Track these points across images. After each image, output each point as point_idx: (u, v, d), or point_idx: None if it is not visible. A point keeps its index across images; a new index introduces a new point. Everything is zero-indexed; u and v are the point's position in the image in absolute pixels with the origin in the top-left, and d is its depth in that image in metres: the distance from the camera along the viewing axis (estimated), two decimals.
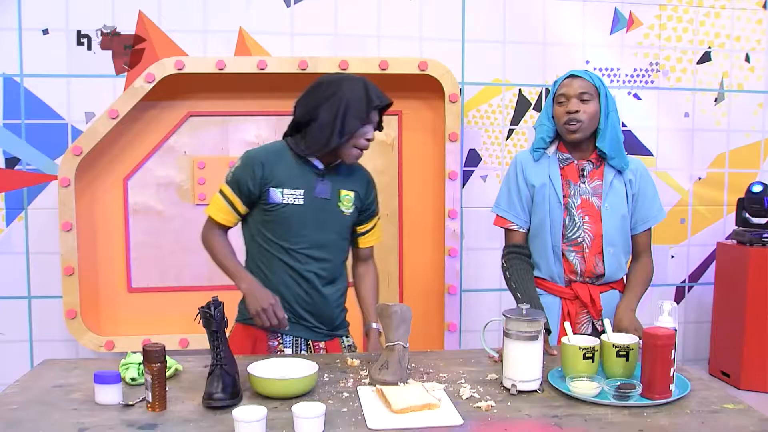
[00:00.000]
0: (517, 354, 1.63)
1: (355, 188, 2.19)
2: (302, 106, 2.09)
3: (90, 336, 3.29)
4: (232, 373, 1.61)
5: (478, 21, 3.60)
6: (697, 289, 3.91)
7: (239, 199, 2.08)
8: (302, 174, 2.09)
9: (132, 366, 1.72)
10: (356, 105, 2.01)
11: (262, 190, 2.06)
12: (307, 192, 2.09)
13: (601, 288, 2.24)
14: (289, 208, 2.07)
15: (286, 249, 2.09)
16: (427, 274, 3.62)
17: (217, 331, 1.63)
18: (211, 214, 2.12)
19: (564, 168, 2.25)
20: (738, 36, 3.82)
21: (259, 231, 2.11)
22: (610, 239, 2.21)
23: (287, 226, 2.08)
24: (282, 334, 2.13)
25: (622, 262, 2.26)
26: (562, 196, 2.22)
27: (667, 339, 1.57)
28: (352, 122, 2.00)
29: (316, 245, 2.11)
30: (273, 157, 2.08)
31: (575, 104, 2.16)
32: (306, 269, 2.11)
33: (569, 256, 2.22)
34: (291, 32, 3.49)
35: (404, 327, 1.74)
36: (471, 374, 1.78)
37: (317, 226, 2.10)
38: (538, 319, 1.63)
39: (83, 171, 3.29)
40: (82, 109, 3.39)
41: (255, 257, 2.14)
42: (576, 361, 1.68)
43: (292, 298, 2.11)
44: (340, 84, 2.03)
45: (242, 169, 2.07)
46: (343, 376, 1.77)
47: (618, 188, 2.23)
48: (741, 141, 3.88)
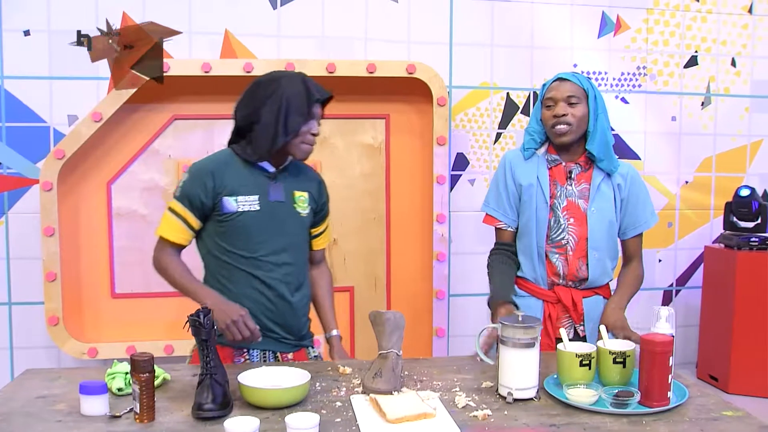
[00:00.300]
0: (513, 361, 1.60)
1: (307, 189, 2.15)
2: (242, 110, 2.04)
3: (72, 343, 3.23)
4: (222, 382, 1.57)
5: (466, 24, 3.58)
6: (684, 293, 3.92)
7: (192, 214, 2.00)
8: (254, 179, 2.03)
9: (118, 376, 1.67)
10: (297, 101, 1.97)
11: (215, 201, 1.99)
12: (262, 197, 2.03)
13: (585, 293, 2.21)
14: (245, 216, 2.01)
15: (247, 258, 2.02)
16: (414, 278, 3.59)
17: (207, 340, 1.58)
18: (163, 234, 2.03)
19: (552, 169, 2.23)
20: (724, 40, 3.84)
21: (216, 244, 2.03)
22: (594, 243, 2.18)
23: (245, 234, 2.01)
24: (248, 349, 2.05)
25: (608, 267, 2.23)
26: (549, 196, 2.20)
27: (664, 346, 1.55)
28: (296, 119, 1.97)
29: (277, 250, 2.05)
30: (222, 166, 2.02)
31: (563, 107, 2.14)
32: (270, 277, 2.04)
33: (552, 257, 2.20)
34: (277, 34, 3.45)
35: (398, 334, 1.70)
36: (465, 382, 1.75)
37: (276, 231, 2.04)
38: (534, 326, 1.60)
39: (66, 175, 3.23)
40: (65, 112, 3.33)
41: (214, 272, 2.06)
42: (572, 369, 1.66)
43: (257, 310, 2.03)
44: (278, 82, 1.99)
45: (192, 182, 1.99)
46: (336, 385, 1.73)
47: (605, 192, 2.21)
48: (727, 145, 3.90)
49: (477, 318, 3.70)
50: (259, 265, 2.03)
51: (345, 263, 3.57)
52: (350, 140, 3.51)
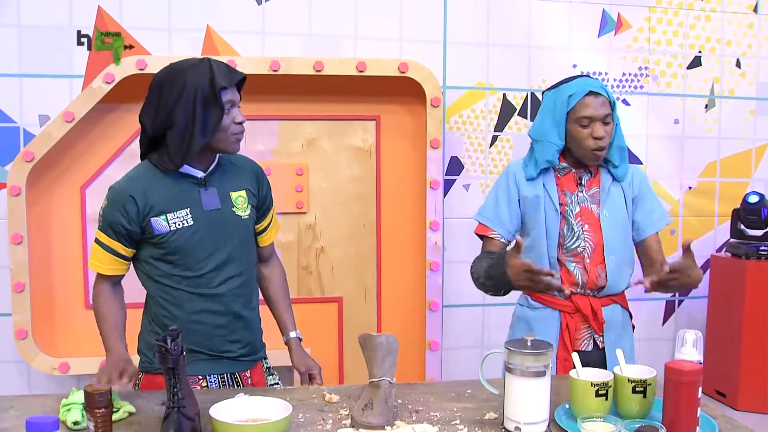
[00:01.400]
0: (521, 392, 1.42)
1: (244, 186, 1.90)
2: (151, 116, 1.77)
3: (42, 357, 3.03)
4: (191, 416, 1.38)
5: (460, 22, 3.41)
6: (687, 303, 3.76)
7: (119, 243, 1.78)
8: (181, 190, 1.79)
9: (75, 407, 1.47)
10: (210, 93, 1.72)
11: (142, 225, 1.77)
12: (194, 208, 1.79)
13: (603, 301, 2.07)
14: (179, 234, 1.78)
15: (190, 278, 1.80)
16: (407, 289, 3.41)
17: (174, 368, 1.39)
18: (94, 268, 1.81)
19: (561, 178, 2.09)
20: (729, 40, 3.69)
21: (154, 268, 1.81)
22: (611, 247, 2.05)
23: (184, 253, 1.79)
24: (205, 376, 1.85)
25: (624, 273, 2.09)
26: (559, 204, 2.06)
27: (693, 375, 1.38)
28: (213, 114, 1.73)
29: (222, 263, 1.83)
30: (142, 185, 1.77)
31: (601, 129, 1.99)
32: (219, 294, 1.83)
33: (570, 266, 2.05)
34: (262, 31, 3.27)
35: (390, 360, 1.52)
36: (467, 412, 1.57)
37: (217, 242, 1.82)
38: (545, 352, 1.42)
39: (37, 178, 3.03)
40: (36, 112, 3.13)
41: (157, 298, 1.83)
42: (587, 399, 1.47)
43: (209, 332, 1.83)
44: (183, 76, 1.73)
45: (111, 210, 1.76)
46: (321, 416, 1.54)
47: (615, 194, 2.10)
48: (732, 149, 3.74)
49: (473, 330, 3.53)
50: (204, 284, 1.82)
51: (333, 272, 3.39)
52: (339, 142, 3.33)
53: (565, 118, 2.02)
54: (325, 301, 3.40)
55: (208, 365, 1.84)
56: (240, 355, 1.89)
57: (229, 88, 1.76)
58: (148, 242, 1.79)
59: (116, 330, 1.79)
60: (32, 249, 3.03)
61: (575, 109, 2.00)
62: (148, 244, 1.80)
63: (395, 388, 1.54)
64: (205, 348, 1.83)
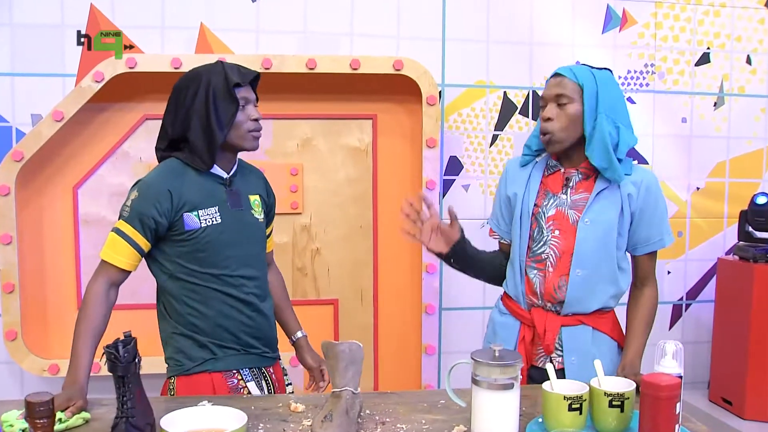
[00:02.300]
0: (488, 406, 1.34)
1: (257, 191, 1.99)
2: (172, 119, 1.86)
3: (32, 359, 3.00)
4: (140, 426, 1.32)
5: (460, 19, 3.32)
6: (695, 307, 3.64)
7: (143, 236, 1.77)
8: (210, 189, 1.84)
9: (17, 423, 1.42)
10: (223, 90, 1.80)
11: (173, 220, 1.78)
12: (221, 207, 1.84)
13: (565, 320, 1.90)
14: (209, 230, 1.81)
15: (218, 276, 1.83)
16: (404, 291, 3.34)
17: (124, 377, 1.33)
18: (108, 258, 1.78)
19: (548, 176, 1.97)
20: (739, 36, 3.56)
21: (179, 266, 1.82)
22: (581, 260, 1.87)
23: (212, 250, 1.82)
24: (239, 370, 1.88)
25: (596, 292, 1.89)
26: (533, 205, 1.94)
27: (671, 390, 1.29)
28: (226, 108, 1.79)
29: (245, 263, 1.88)
30: (177, 181, 1.81)
31: (550, 110, 1.88)
32: (244, 292, 1.88)
33: (530, 273, 1.93)
34: (256, 29, 3.21)
35: (354, 369, 1.45)
36: (435, 425, 1.49)
37: (242, 242, 1.87)
38: (513, 364, 1.34)
39: (28, 178, 3.01)
40: (28, 111, 3.10)
41: (182, 297, 1.84)
42: (560, 413, 1.39)
43: (236, 328, 1.86)
44: (198, 78, 1.83)
45: (144, 202, 1.76)
46: (282, 427, 1.48)
47: (608, 203, 1.89)
48: (742, 148, 3.62)
49: (471, 334, 3.44)
50: (230, 282, 1.86)
51: (329, 274, 3.33)
52: (334, 142, 3.27)
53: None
54: (320, 303, 3.34)
55: (240, 359, 1.88)
56: (263, 352, 1.93)
57: (243, 86, 1.84)
58: (172, 239, 1.81)
59: (91, 345, 1.75)
60: (24, 250, 3.01)
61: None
62: (172, 241, 1.82)
63: (360, 399, 1.47)
64: (235, 343, 1.87)
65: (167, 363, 1.88)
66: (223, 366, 1.83)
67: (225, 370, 1.84)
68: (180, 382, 1.84)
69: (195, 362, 1.81)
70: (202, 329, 1.81)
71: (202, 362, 1.80)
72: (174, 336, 1.85)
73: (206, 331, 1.81)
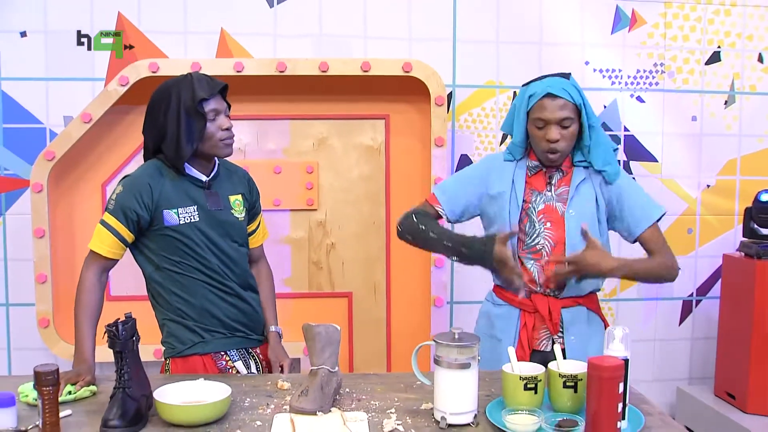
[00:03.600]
0: (447, 384, 1.47)
1: (240, 191, 2.14)
2: (149, 131, 2.04)
3: (63, 345, 3.20)
4: (136, 397, 1.48)
5: (470, 20, 3.43)
6: (705, 303, 3.69)
7: (126, 228, 1.96)
8: (189, 190, 2.01)
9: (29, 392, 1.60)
10: (191, 104, 1.94)
11: (154, 215, 1.96)
12: (200, 207, 2.01)
13: (564, 302, 2.06)
14: (187, 227, 1.98)
15: (198, 269, 2.01)
16: (415, 285, 3.46)
17: (122, 352, 1.50)
18: (95, 248, 1.99)
19: (531, 177, 2.11)
20: (750, 35, 3.59)
21: (164, 258, 2.00)
22: (573, 247, 2.03)
23: (193, 244, 1.99)
24: (227, 351, 2.05)
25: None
26: (523, 201, 2.07)
27: (613, 371, 1.40)
28: (196, 123, 1.94)
29: (224, 258, 2.05)
30: (157, 179, 1.99)
31: (555, 132, 2.00)
32: (226, 281, 2.04)
33: (528, 264, 2.07)
34: (274, 33, 3.36)
35: (330, 349, 1.58)
36: (406, 402, 1.62)
37: (220, 237, 2.03)
38: (471, 345, 1.47)
39: (61, 176, 3.21)
40: (61, 113, 3.31)
41: (168, 287, 2.02)
42: (516, 392, 1.51)
43: (222, 313, 2.03)
44: (169, 93, 1.98)
45: (127, 196, 1.96)
46: (266, 401, 1.63)
47: (585, 194, 2.07)
48: (753, 146, 3.64)
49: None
50: (211, 274, 2.02)
51: (343, 268, 3.46)
52: (348, 141, 3.41)
53: (526, 117, 2.05)
54: (335, 296, 3.47)
55: (226, 342, 2.05)
56: (248, 335, 2.11)
57: (210, 99, 1.98)
58: (155, 233, 1.98)
59: (92, 327, 1.95)
60: (56, 243, 3.21)
61: (533, 110, 2.03)
62: (154, 235, 1.99)
63: (337, 377, 1.61)
64: (221, 327, 2.03)
65: (163, 345, 2.07)
66: (212, 348, 2.00)
67: (214, 352, 2.01)
68: (174, 363, 2.03)
69: (186, 345, 1.99)
70: (189, 315, 1.99)
71: (192, 345, 1.98)
72: (166, 322, 2.04)
73: (194, 317, 1.99)
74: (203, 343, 2.01)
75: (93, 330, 1.92)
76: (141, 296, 3.24)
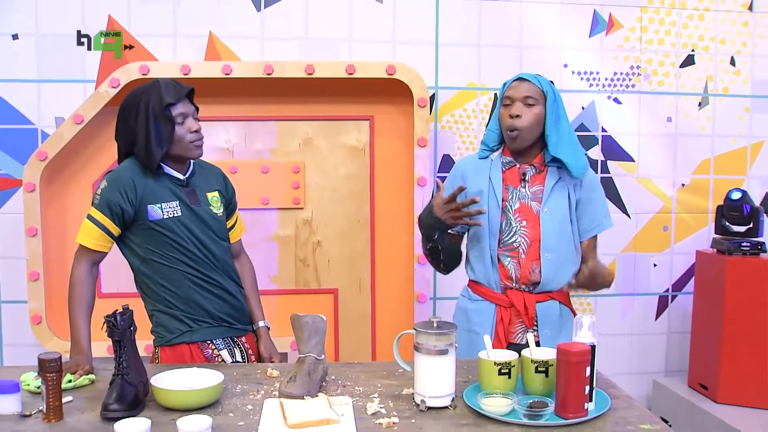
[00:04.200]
0: (426, 369, 1.57)
1: (216, 187, 2.24)
2: (121, 137, 2.14)
3: (56, 341, 3.27)
4: (134, 383, 1.57)
5: (452, 23, 3.53)
6: (680, 299, 3.81)
7: (112, 221, 2.06)
8: (169, 187, 2.11)
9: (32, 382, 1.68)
10: (159, 110, 2.03)
11: (139, 209, 2.05)
12: (181, 203, 2.11)
13: (538, 297, 2.17)
14: (172, 222, 2.08)
15: (182, 261, 2.10)
16: (399, 281, 3.56)
17: (120, 340, 1.59)
18: (82, 242, 2.10)
19: (506, 171, 2.21)
20: (723, 39, 3.72)
21: (149, 251, 2.10)
22: (548, 245, 2.14)
23: (177, 237, 2.09)
24: (213, 340, 2.14)
25: (563, 270, 2.18)
26: (501, 200, 2.17)
27: (580, 356, 1.50)
28: (164, 128, 2.03)
29: (206, 251, 2.14)
30: (140, 175, 2.08)
31: (518, 107, 2.12)
32: (209, 272, 2.14)
33: (505, 261, 2.17)
34: (261, 36, 3.45)
35: (317, 338, 1.68)
36: (388, 388, 1.72)
37: (201, 231, 2.13)
38: (448, 332, 1.57)
39: (52, 176, 3.28)
40: (52, 114, 3.38)
41: (155, 278, 2.12)
42: (491, 377, 1.61)
43: (208, 304, 2.13)
44: (138, 100, 2.07)
45: (112, 191, 2.05)
46: (257, 388, 1.72)
47: (559, 193, 2.18)
48: (726, 146, 3.78)
49: None
50: (194, 266, 2.12)
51: (329, 265, 3.56)
52: (334, 142, 3.50)
53: (500, 104, 2.16)
54: (321, 292, 3.57)
55: (213, 331, 2.14)
56: (233, 324, 2.20)
57: (178, 103, 2.07)
58: (140, 227, 2.08)
59: (86, 319, 2.06)
60: (48, 241, 3.28)
61: (504, 93, 2.15)
62: (140, 229, 2.08)
63: (323, 365, 1.70)
64: (207, 317, 2.13)
65: (152, 335, 2.17)
66: (199, 337, 2.10)
67: (201, 341, 2.11)
68: (163, 352, 2.12)
69: (174, 334, 2.09)
70: (177, 306, 2.08)
71: (180, 334, 2.08)
72: (154, 312, 2.14)
73: (180, 307, 2.09)
74: (190, 332, 2.10)
75: (88, 322, 2.01)
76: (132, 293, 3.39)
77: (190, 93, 2.14)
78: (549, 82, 2.21)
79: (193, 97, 2.17)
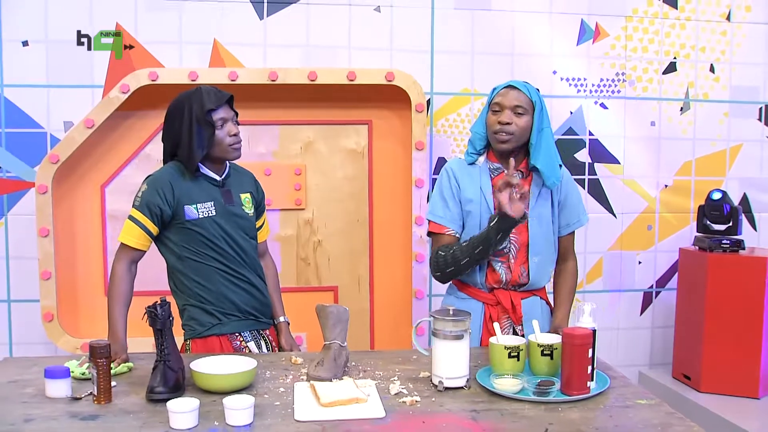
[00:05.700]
0: (443, 352, 1.72)
1: (248, 189, 2.40)
2: (167, 139, 2.31)
3: (67, 338, 3.38)
4: (175, 368, 1.71)
5: (447, 32, 3.68)
6: (664, 295, 4.00)
7: (152, 221, 2.21)
8: (206, 188, 2.27)
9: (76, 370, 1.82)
10: (201, 115, 2.18)
11: (176, 210, 2.20)
12: (216, 203, 2.25)
13: (523, 294, 2.31)
14: (207, 221, 2.23)
15: (216, 258, 2.24)
16: (397, 278, 3.70)
17: (162, 329, 1.72)
18: (124, 240, 2.23)
19: (494, 178, 2.31)
20: (703, 47, 3.91)
21: (185, 249, 2.24)
22: (536, 249, 2.27)
23: (211, 236, 2.23)
24: (241, 332, 2.28)
25: (547, 270, 2.34)
26: (493, 208, 2.26)
27: (583, 339, 1.66)
28: (204, 132, 2.18)
29: (238, 248, 2.29)
30: (178, 178, 2.24)
31: (508, 116, 2.21)
32: (240, 269, 2.28)
33: (495, 266, 2.28)
34: (264, 44, 3.58)
35: (340, 327, 1.83)
36: (405, 372, 1.87)
37: (234, 230, 2.27)
38: (464, 319, 1.72)
39: (62, 178, 3.38)
40: (61, 119, 3.48)
41: (189, 275, 2.25)
42: (502, 360, 1.77)
43: (239, 300, 2.27)
44: (182, 105, 2.22)
45: (151, 193, 2.20)
46: (285, 373, 1.86)
47: (544, 197, 2.30)
48: (707, 149, 3.96)
49: None
50: (227, 263, 2.25)
51: (329, 263, 3.69)
52: (334, 145, 3.64)
53: (489, 108, 2.28)
54: (322, 290, 3.70)
55: (241, 324, 2.29)
56: (259, 316, 2.35)
57: (218, 108, 2.23)
58: (177, 227, 2.23)
59: (124, 313, 2.19)
60: (58, 241, 3.38)
61: (493, 99, 2.27)
62: (177, 228, 2.23)
63: (346, 351, 1.85)
64: (236, 311, 2.28)
65: (183, 329, 2.30)
66: (228, 330, 2.25)
67: (230, 333, 2.26)
68: (194, 344, 2.27)
69: (205, 327, 2.24)
70: (208, 300, 2.23)
71: (211, 327, 2.22)
72: (187, 307, 2.27)
73: (212, 302, 2.23)
74: (220, 325, 2.24)
75: (125, 315, 2.15)
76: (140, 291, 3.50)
77: (230, 99, 2.30)
78: (537, 90, 2.32)
79: (233, 103, 2.32)
